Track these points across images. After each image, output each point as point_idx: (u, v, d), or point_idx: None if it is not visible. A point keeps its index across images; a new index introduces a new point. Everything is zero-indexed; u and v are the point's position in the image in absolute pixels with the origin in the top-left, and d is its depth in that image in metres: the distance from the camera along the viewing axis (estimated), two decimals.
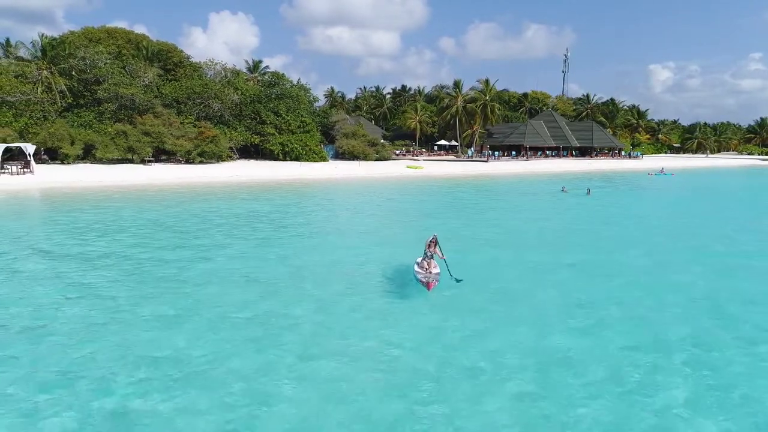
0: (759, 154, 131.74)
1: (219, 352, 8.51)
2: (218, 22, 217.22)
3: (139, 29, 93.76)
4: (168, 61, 61.56)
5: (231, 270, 13.68)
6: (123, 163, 48.00)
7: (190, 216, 22.83)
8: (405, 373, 7.92)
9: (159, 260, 14.64)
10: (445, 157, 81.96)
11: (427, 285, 11.43)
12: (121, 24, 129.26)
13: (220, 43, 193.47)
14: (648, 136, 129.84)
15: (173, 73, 60.93)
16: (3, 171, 35.42)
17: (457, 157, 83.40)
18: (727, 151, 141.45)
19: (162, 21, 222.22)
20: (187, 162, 51.87)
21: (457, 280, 12.25)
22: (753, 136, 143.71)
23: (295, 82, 71.99)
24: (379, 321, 10.19)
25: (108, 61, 52.41)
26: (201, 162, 51.75)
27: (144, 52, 59.40)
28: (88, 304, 10.70)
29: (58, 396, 7.04)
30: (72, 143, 46.43)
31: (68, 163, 46.53)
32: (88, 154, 47.99)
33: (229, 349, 8.63)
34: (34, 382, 7.41)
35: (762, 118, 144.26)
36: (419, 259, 12.50)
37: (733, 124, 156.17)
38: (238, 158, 58.49)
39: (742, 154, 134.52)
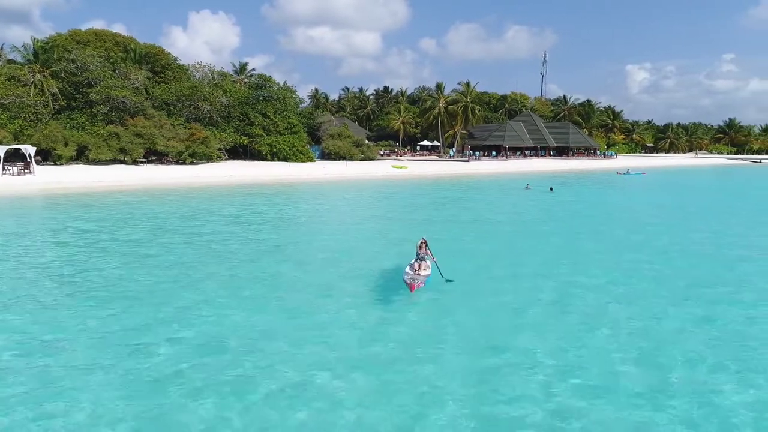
0: (728, 154, 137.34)
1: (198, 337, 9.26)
2: (199, 22, 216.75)
3: (118, 29, 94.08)
4: (156, 63, 62.76)
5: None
6: (115, 163, 49.22)
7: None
8: (370, 375, 7.99)
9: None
10: (427, 157, 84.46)
11: (410, 287, 11.39)
12: (99, 23, 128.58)
13: (201, 43, 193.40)
14: (623, 136, 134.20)
15: (161, 75, 62.17)
16: (5, 172, 36.63)
17: (439, 157, 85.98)
18: (699, 150, 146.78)
19: (141, 20, 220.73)
20: (178, 162, 53.31)
21: (449, 281, 12.48)
22: (722, 136, 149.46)
23: (281, 84, 73.69)
24: (351, 319, 10.34)
25: (99, 63, 53.50)
26: (192, 162, 53.22)
27: (132, 54, 60.52)
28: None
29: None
30: (66, 145, 47.59)
31: (61, 164, 47.64)
32: (80, 155, 49.18)
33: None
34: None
35: (730, 119, 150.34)
36: (412, 261, 12.55)
37: (704, 125, 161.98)
38: (227, 159, 60.04)
39: (711, 153, 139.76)
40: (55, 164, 47.46)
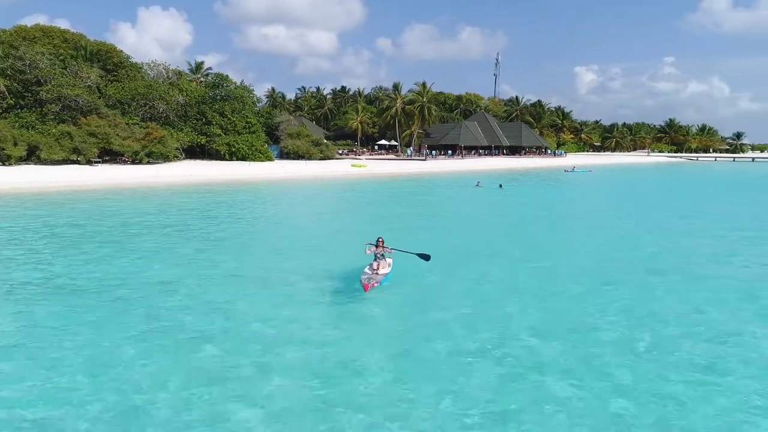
0: (668, 152, 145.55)
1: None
2: (148, 18, 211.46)
3: (62, 24, 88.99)
4: (108, 61, 61.47)
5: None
6: (68, 163, 48.20)
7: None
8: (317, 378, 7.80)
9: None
10: (385, 156, 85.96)
11: (364, 287, 11.25)
12: (42, 18, 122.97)
13: (150, 39, 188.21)
14: (572, 135, 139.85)
15: (114, 74, 60.98)
16: None
17: (397, 156, 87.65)
18: (642, 149, 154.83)
19: (86, 15, 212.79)
20: (134, 162, 52.61)
21: (422, 255, 12.81)
22: (663, 135, 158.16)
23: (238, 83, 73.44)
24: (299, 319, 10.20)
25: (48, 61, 52.13)
26: (149, 162, 52.64)
27: (82, 52, 59.13)
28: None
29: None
30: (15, 144, 46.29)
31: (10, 164, 46.31)
32: (31, 155, 47.89)
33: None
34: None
35: (671, 119, 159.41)
36: (372, 261, 12.49)
37: (647, 124, 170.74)
38: (185, 158, 59.54)
39: (653, 151, 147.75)
40: (4, 164, 46.10)
